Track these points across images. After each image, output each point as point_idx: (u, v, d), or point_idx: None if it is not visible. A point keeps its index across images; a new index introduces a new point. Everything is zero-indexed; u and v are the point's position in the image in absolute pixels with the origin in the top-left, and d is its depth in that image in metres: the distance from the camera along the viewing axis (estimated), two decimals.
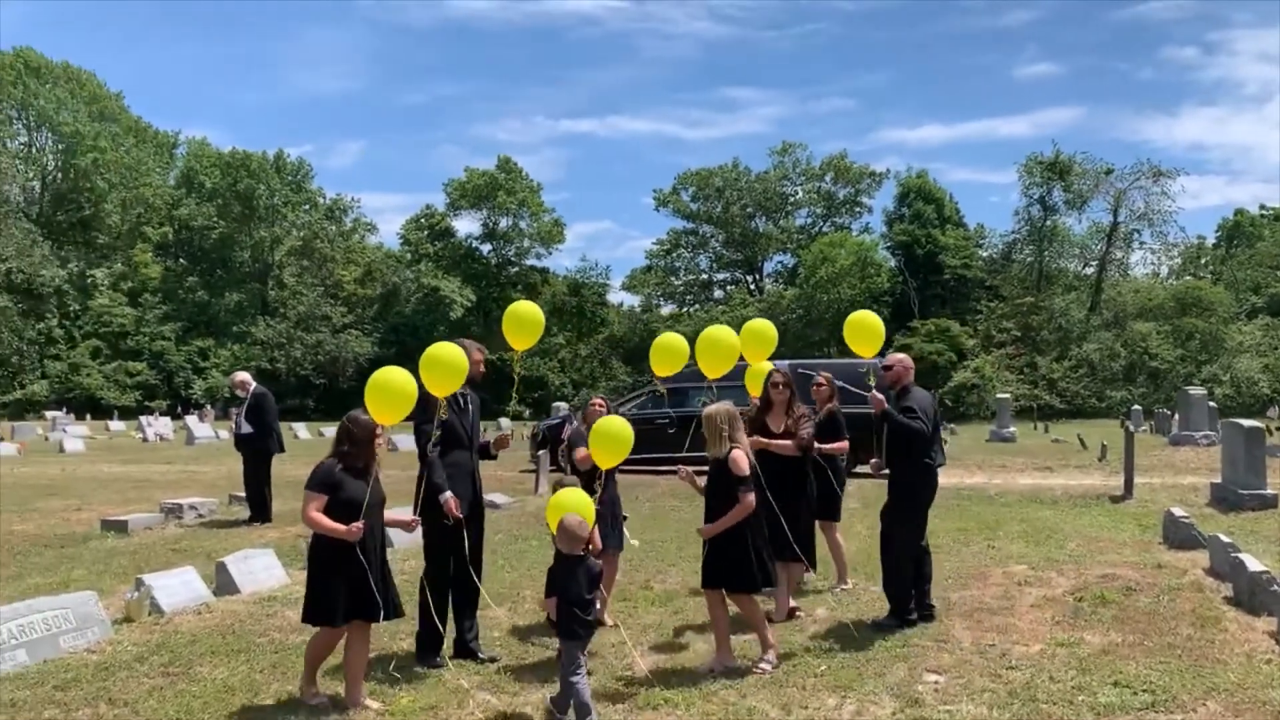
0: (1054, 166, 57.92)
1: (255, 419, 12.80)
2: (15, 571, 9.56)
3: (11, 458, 25.10)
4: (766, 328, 7.97)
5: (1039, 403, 48.72)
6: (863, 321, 7.67)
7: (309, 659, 5.71)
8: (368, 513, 5.54)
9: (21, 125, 66.64)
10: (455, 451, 6.46)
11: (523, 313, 6.91)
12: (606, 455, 6.29)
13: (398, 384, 5.77)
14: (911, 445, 7.07)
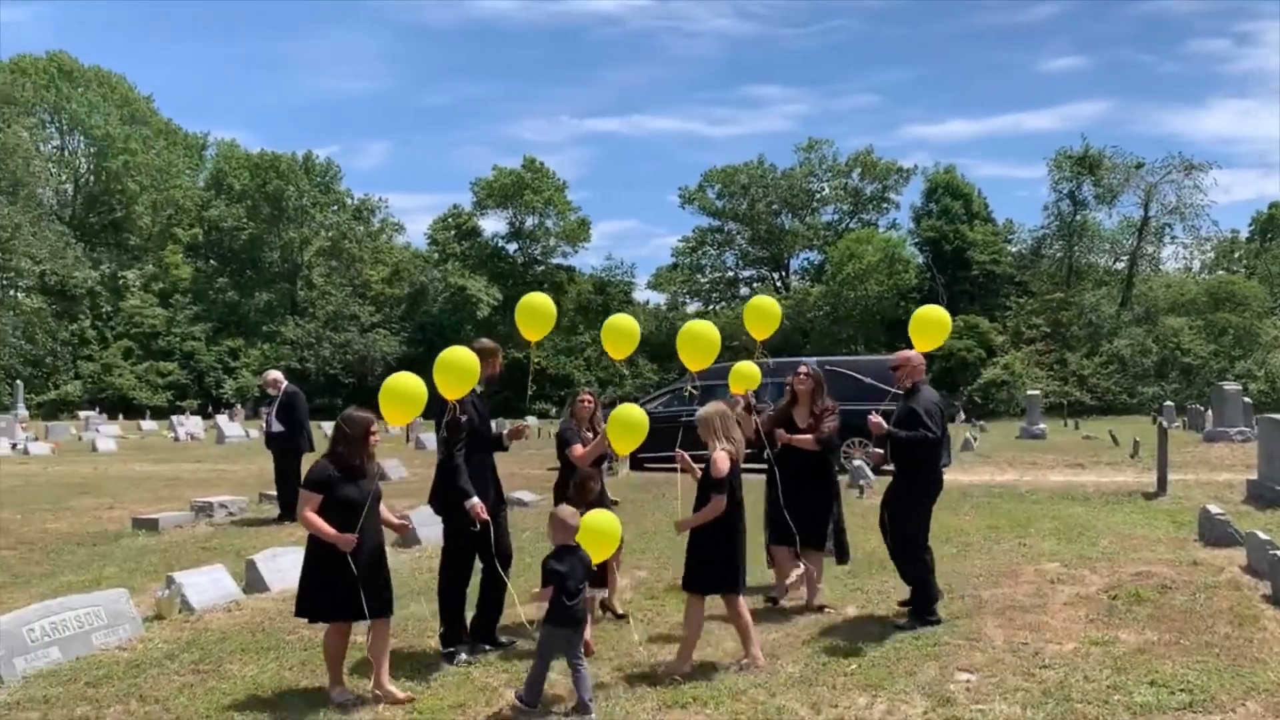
0: (1084, 161, 57.40)
1: (286, 417, 12.84)
2: (48, 569, 9.66)
3: (45, 457, 25.41)
4: (770, 304, 7.96)
5: (1069, 399, 48.29)
6: (928, 317, 7.59)
7: (328, 658, 5.74)
8: (359, 511, 5.59)
9: (54, 129, 67.50)
10: (479, 454, 6.53)
11: (535, 304, 6.94)
12: (625, 442, 6.37)
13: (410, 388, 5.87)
14: (920, 453, 7.07)
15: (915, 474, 7.16)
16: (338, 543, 5.46)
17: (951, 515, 12.28)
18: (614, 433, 6.36)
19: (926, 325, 7.52)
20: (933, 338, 7.53)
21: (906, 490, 7.19)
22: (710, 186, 70.73)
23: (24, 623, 6.26)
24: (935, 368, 51.57)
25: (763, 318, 7.81)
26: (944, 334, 7.63)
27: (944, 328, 7.61)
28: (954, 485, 15.21)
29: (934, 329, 7.53)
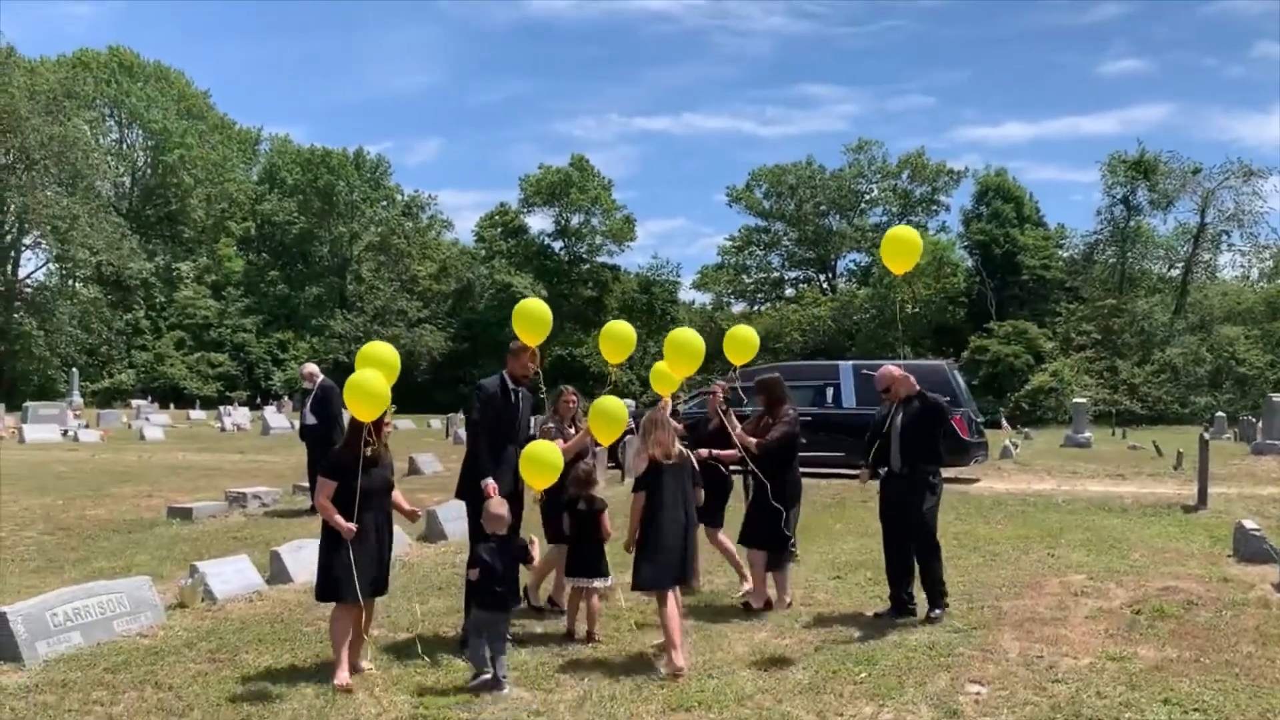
0: (1138, 165, 56.34)
1: (320, 410, 12.96)
2: (83, 555, 9.87)
3: (94, 444, 25.96)
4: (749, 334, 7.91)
5: (1118, 408, 47.44)
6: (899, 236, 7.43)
7: (334, 641, 5.94)
8: (372, 498, 5.96)
9: (114, 122, 69.01)
10: (506, 446, 6.69)
11: (531, 309, 7.00)
12: (606, 433, 6.53)
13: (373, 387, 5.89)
14: (936, 434, 7.40)
15: (928, 477, 7.39)
16: (341, 530, 5.82)
17: (982, 524, 12.15)
18: (595, 424, 6.48)
19: (896, 245, 7.34)
20: (906, 258, 7.32)
21: (925, 492, 7.36)
22: (758, 186, 70.53)
23: (48, 607, 6.40)
24: (982, 373, 51.04)
25: (741, 347, 7.80)
26: (915, 255, 7.41)
27: (915, 248, 7.36)
28: (988, 493, 15.06)
29: (906, 248, 7.32)
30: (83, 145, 56.75)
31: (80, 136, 57.24)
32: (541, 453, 6.17)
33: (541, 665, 6.22)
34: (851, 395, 17.14)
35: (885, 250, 7.38)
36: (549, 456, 6.16)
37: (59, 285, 58.95)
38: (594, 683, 5.86)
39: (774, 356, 56.14)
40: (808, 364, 21.12)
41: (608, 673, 6.05)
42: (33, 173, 53.10)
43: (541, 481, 6.21)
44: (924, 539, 7.36)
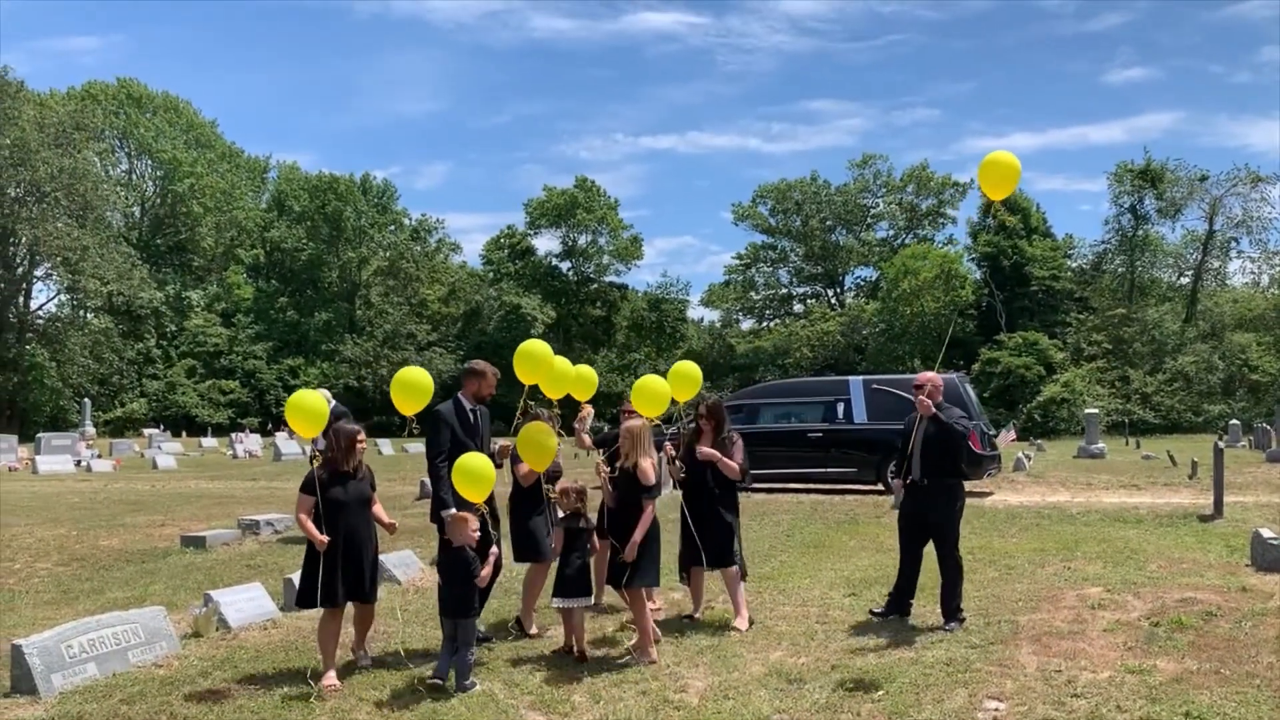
0: (1145, 174, 56.34)
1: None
2: (97, 585, 9.88)
3: (107, 474, 26.03)
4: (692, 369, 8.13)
5: (1131, 418, 47.28)
6: (999, 160, 6.88)
7: (321, 645, 6.45)
8: (350, 510, 6.48)
9: (123, 153, 69.48)
10: None
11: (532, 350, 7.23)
12: (537, 460, 6.92)
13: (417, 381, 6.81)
14: (956, 453, 7.57)
15: (951, 488, 7.63)
16: (314, 542, 6.33)
17: (997, 537, 12.08)
18: (524, 451, 6.90)
19: (996, 170, 6.86)
20: (1005, 182, 6.86)
21: (949, 502, 7.61)
22: (763, 203, 70.65)
23: (63, 639, 6.40)
24: (994, 385, 50.90)
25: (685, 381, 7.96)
26: (1015, 178, 6.90)
27: (1015, 171, 6.85)
28: (1002, 506, 15.00)
29: (1007, 172, 6.85)
30: (93, 177, 57.12)
31: (90, 168, 57.62)
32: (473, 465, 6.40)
33: (557, 689, 6.19)
34: (862, 411, 17.12)
35: (983, 175, 6.89)
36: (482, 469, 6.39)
37: (70, 316, 59.20)
38: (610, 705, 5.83)
39: (783, 372, 56.14)
40: (817, 380, 21.09)
41: (624, 695, 6.02)
42: (43, 205, 53.47)
43: (475, 494, 6.39)
44: (946, 550, 7.58)
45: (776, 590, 9.11)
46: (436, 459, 6.96)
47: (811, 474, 17.51)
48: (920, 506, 7.65)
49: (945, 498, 7.57)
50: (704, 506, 7.80)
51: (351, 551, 6.47)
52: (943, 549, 7.58)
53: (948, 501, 7.59)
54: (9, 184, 52.70)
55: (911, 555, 7.78)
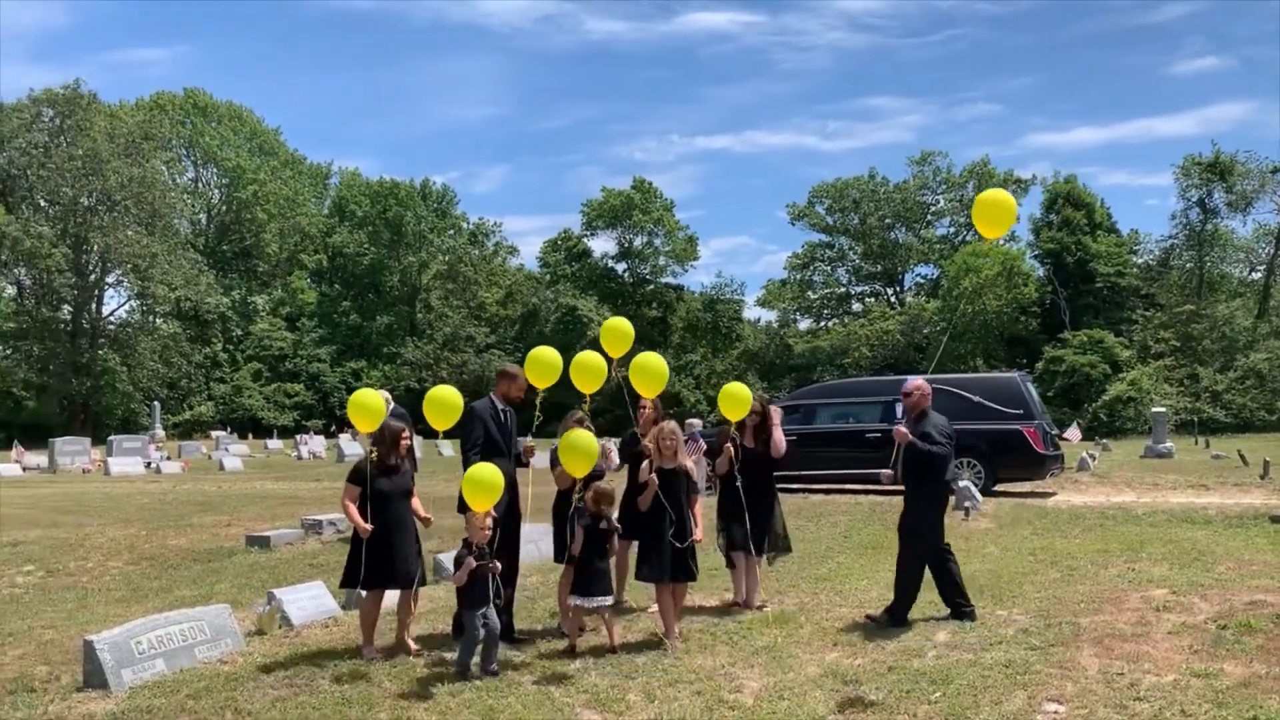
0: (1214, 167, 54.95)
1: None
2: (165, 584, 10.13)
3: (175, 475, 26.66)
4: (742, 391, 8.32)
5: (1201, 416, 46.13)
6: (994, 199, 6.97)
7: (362, 622, 7.11)
8: (393, 501, 7.04)
9: (190, 162, 71.23)
10: (495, 459, 7.19)
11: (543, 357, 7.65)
12: (576, 466, 7.04)
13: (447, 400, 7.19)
14: (931, 468, 7.67)
15: (926, 488, 7.75)
16: (358, 528, 6.91)
17: (1060, 538, 11.90)
18: (565, 458, 7.04)
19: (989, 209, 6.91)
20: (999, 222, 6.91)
21: (921, 502, 7.77)
22: (819, 201, 70.12)
23: (132, 635, 6.58)
24: (1058, 383, 50.02)
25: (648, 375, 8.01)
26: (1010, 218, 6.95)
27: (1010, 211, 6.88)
28: (1065, 507, 14.75)
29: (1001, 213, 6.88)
30: (161, 185, 58.57)
31: (158, 177, 59.10)
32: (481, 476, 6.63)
33: (612, 688, 6.22)
34: None
35: (977, 215, 6.98)
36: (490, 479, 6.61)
37: (140, 321, 60.73)
38: (664, 705, 5.85)
39: (842, 372, 55.72)
40: (875, 379, 20.91)
41: (679, 694, 6.03)
42: (114, 213, 54.94)
43: (481, 502, 6.62)
44: (904, 553, 7.79)
45: (833, 591, 9.07)
46: (470, 452, 7.32)
47: (869, 475, 17.34)
48: (904, 508, 7.91)
49: (918, 504, 7.77)
50: (747, 498, 8.21)
51: (395, 540, 6.99)
52: (902, 552, 7.81)
53: (919, 508, 7.77)
54: (81, 193, 54.25)
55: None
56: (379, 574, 6.96)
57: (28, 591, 10.06)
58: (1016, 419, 16.32)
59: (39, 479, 26.26)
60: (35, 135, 54.21)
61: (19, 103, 54.96)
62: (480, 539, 6.67)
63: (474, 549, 6.64)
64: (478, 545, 6.67)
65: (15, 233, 50.64)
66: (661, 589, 7.31)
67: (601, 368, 7.67)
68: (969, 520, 13.43)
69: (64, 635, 7.95)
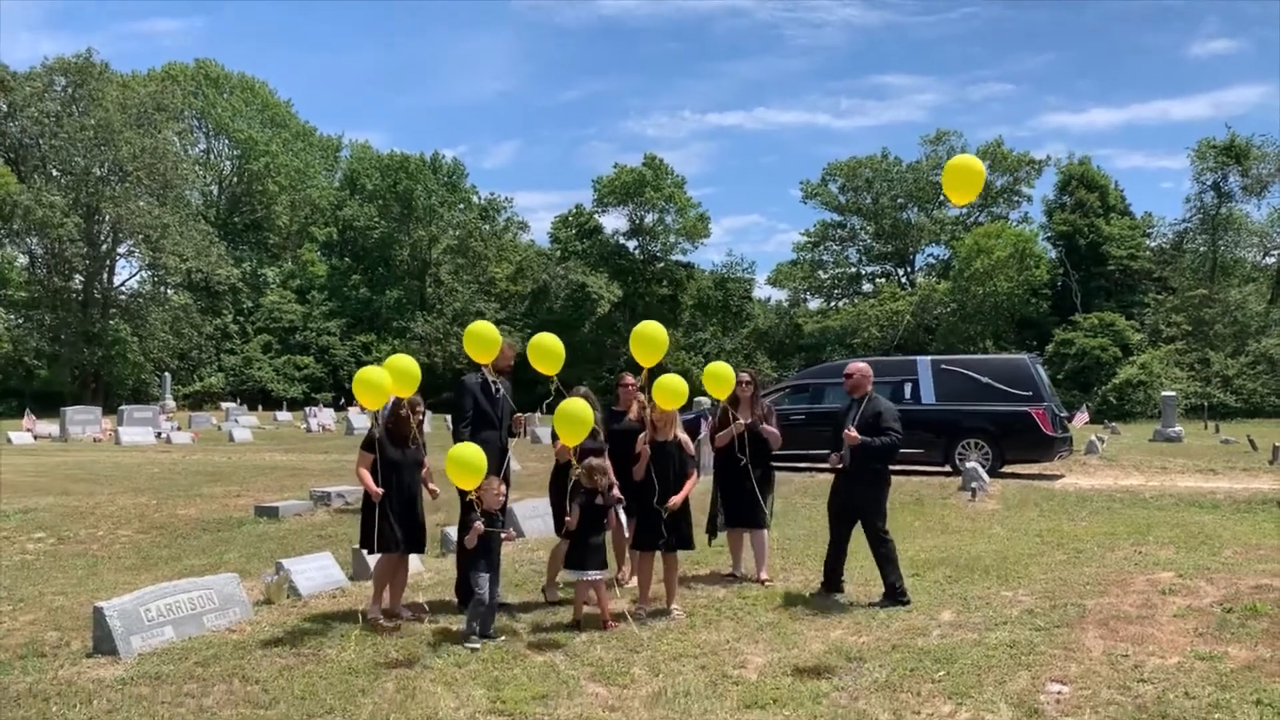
0: (1229, 150, 54.54)
1: None
2: (174, 553, 10.21)
3: (186, 446, 26.78)
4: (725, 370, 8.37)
5: (1211, 401, 45.97)
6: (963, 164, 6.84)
7: (375, 581, 7.43)
8: (404, 471, 7.31)
9: (201, 133, 71.07)
10: (485, 430, 7.52)
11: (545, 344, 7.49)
12: (568, 434, 7.11)
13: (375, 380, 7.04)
14: (886, 456, 7.92)
15: (877, 472, 7.96)
16: (370, 492, 7.16)
17: (1067, 521, 11.90)
18: (559, 426, 7.10)
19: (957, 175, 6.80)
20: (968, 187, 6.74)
21: (872, 485, 7.97)
22: (832, 180, 69.79)
23: (142, 603, 6.63)
24: (1068, 366, 49.89)
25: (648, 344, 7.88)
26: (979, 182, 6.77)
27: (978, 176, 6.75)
28: (1073, 489, 14.73)
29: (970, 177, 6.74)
30: (172, 156, 58.47)
31: (170, 148, 58.98)
32: (463, 455, 6.69)
33: (617, 661, 6.25)
34: (930, 391, 16.89)
35: (946, 181, 6.86)
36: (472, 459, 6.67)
37: (151, 292, 60.82)
38: (669, 679, 5.88)
39: (850, 352, 55.63)
40: (884, 359, 20.82)
41: (683, 669, 6.07)
42: (126, 184, 54.94)
43: (466, 481, 6.71)
44: (872, 531, 7.89)
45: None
46: (460, 425, 7.58)
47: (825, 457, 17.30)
48: (846, 489, 8.05)
49: (868, 482, 7.94)
50: (743, 472, 8.42)
51: (405, 507, 7.29)
52: (869, 530, 7.90)
53: (871, 485, 7.95)
54: (94, 163, 54.26)
55: (839, 535, 8.11)
56: (392, 539, 7.23)
57: (39, 558, 10.15)
58: (1025, 401, 16.27)
59: (51, 447, 26.41)
60: (47, 104, 54.11)
61: (31, 72, 54.89)
62: (493, 504, 6.87)
63: (485, 515, 6.80)
64: (489, 510, 6.83)
65: (27, 202, 50.67)
66: (645, 557, 7.52)
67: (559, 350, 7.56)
68: (976, 501, 13.42)
69: (74, 602, 8.02)
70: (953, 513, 12.72)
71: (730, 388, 8.29)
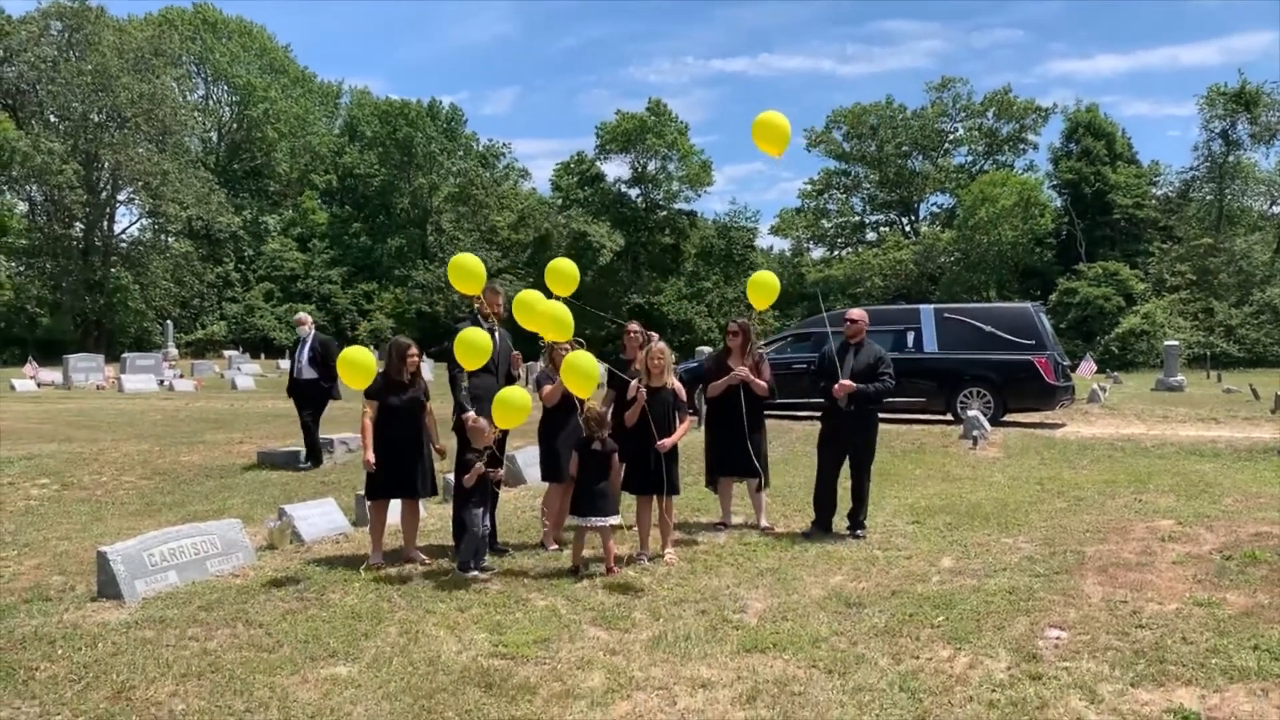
0: (1239, 97, 53.91)
1: (322, 365, 12.43)
2: (178, 499, 10.25)
3: (188, 393, 26.83)
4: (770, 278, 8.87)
5: (1214, 350, 45.92)
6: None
7: (371, 530, 7.53)
8: (400, 415, 7.40)
9: (200, 79, 70.36)
10: (482, 376, 7.64)
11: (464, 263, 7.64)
12: (579, 387, 7.18)
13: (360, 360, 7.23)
14: (881, 400, 8.31)
15: (872, 413, 8.38)
16: (365, 459, 7.33)
17: (1068, 469, 11.93)
18: (568, 377, 7.15)
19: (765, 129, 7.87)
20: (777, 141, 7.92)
21: (871, 427, 8.38)
22: (837, 128, 69.13)
23: (145, 548, 6.67)
24: (1071, 315, 49.77)
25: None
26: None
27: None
28: (1074, 438, 14.75)
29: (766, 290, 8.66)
30: (171, 102, 57.95)
31: (169, 93, 58.44)
32: (511, 397, 6.91)
33: (618, 605, 6.30)
34: (933, 340, 16.84)
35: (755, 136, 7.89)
36: (517, 400, 6.90)
37: (152, 240, 60.65)
38: (669, 623, 5.92)
39: (853, 301, 55.50)
40: (888, 308, 20.73)
41: (683, 613, 6.11)
42: (125, 130, 54.52)
43: (508, 422, 6.96)
44: (864, 471, 8.34)
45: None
46: (453, 369, 7.63)
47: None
48: (844, 431, 8.29)
49: (866, 423, 8.31)
50: (735, 422, 8.41)
51: (401, 453, 7.37)
52: (861, 470, 8.31)
53: (869, 427, 8.36)
54: (91, 109, 53.79)
55: (831, 474, 8.40)
56: (385, 485, 7.39)
57: (43, 504, 10.20)
58: (1028, 349, 16.23)
59: (54, 394, 26.46)
60: (44, 49, 53.54)
61: (27, 15, 54.29)
62: (486, 443, 7.13)
63: (480, 453, 7.05)
64: (484, 449, 7.09)
65: (25, 148, 50.33)
66: (643, 502, 7.56)
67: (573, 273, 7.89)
68: (977, 449, 13.45)
69: (78, 547, 8.07)
70: (954, 461, 12.75)
71: (773, 297, 8.68)
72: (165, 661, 5.30)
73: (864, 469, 8.33)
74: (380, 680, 5.04)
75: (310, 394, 12.53)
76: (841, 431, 8.31)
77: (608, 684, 4.99)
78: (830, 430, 8.42)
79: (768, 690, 4.89)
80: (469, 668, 5.21)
